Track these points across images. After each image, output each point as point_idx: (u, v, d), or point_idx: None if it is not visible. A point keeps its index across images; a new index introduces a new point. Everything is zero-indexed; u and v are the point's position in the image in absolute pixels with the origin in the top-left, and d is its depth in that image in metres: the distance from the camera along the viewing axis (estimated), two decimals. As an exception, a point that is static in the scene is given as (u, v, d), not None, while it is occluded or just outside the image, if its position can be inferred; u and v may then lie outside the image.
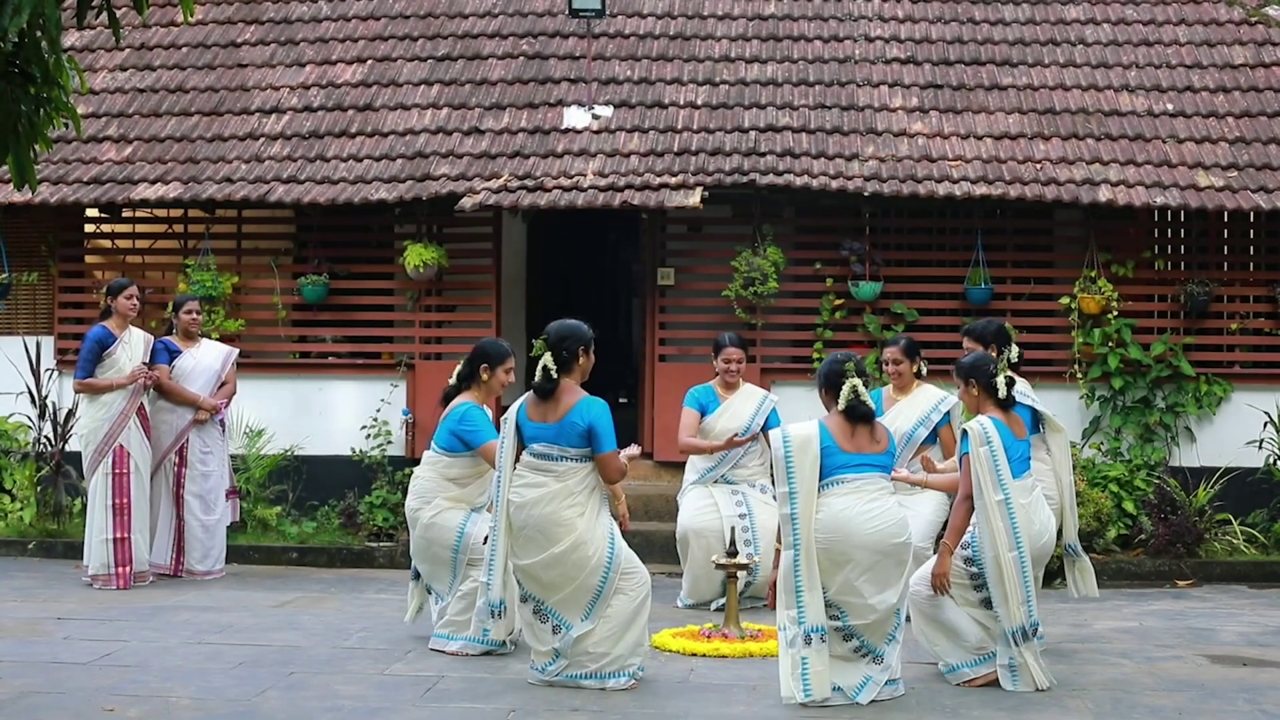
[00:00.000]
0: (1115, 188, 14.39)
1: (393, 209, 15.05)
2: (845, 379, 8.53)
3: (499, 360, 9.87)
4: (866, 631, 8.38)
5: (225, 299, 15.13)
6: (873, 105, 15.59)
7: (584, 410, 8.62)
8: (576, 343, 8.74)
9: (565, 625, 8.60)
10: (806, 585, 8.26)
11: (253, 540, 14.10)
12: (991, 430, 8.77)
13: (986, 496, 8.68)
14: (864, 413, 8.52)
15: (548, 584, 8.60)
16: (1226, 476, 14.14)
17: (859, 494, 8.40)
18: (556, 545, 8.50)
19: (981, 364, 9.16)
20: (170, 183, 15.06)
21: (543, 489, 8.58)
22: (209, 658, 9.45)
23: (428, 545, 9.78)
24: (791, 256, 14.85)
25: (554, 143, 15.25)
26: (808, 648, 8.24)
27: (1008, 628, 8.67)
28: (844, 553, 8.29)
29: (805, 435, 8.45)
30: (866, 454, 8.50)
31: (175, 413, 12.84)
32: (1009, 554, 8.62)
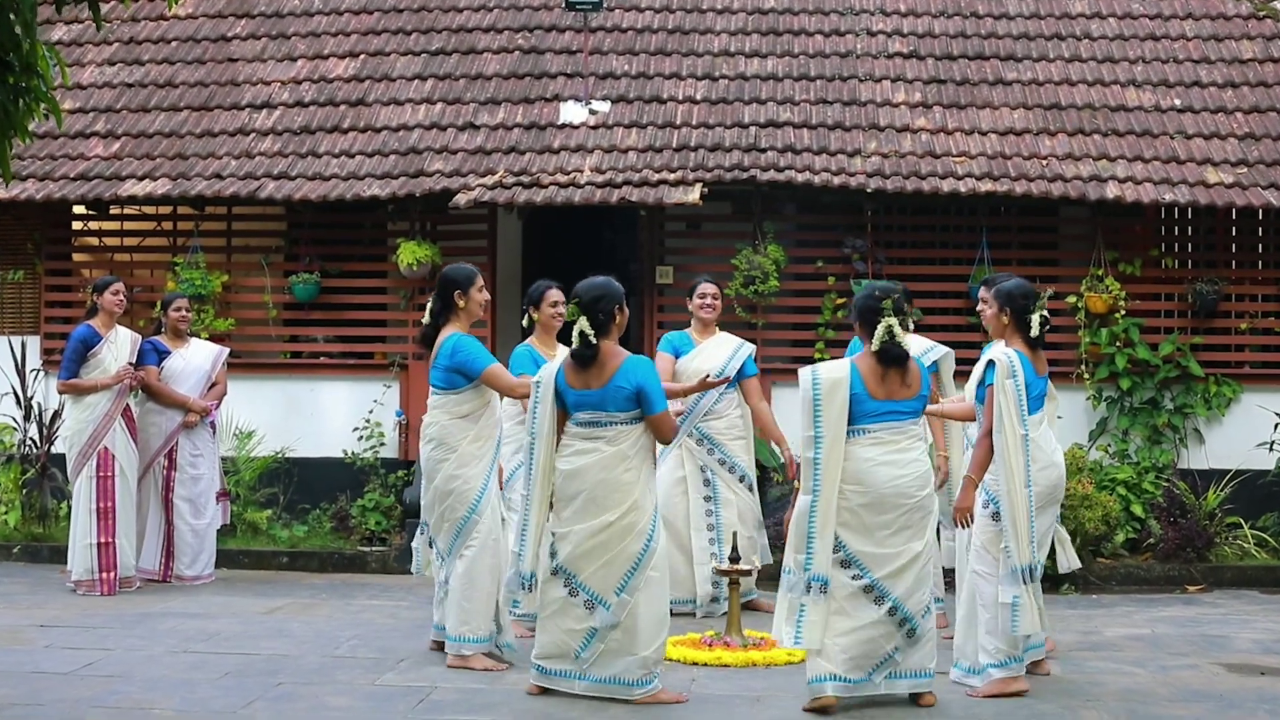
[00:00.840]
0: (1123, 184, 14.13)
1: (385, 206, 14.81)
2: (881, 317, 8.07)
3: (469, 281, 9.25)
4: (895, 588, 8.02)
5: (215, 298, 14.87)
6: (875, 101, 15.33)
7: (631, 372, 8.26)
8: (611, 301, 8.36)
9: (600, 601, 8.18)
10: (819, 532, 7.97)
11: (243, 544, 13.85)
12: (1017, 364, 8.53)
13: (1009, 431, 8.45)
14: (897, 355, 8.11)
15: (587, 552, 8.19)
16: (1237, 479, 13.87)
17: (884, 444, 8.08)
18: (610, 512, 8.17)
19: (1021, 292, 8.87)
20: (159, 179, 14.80)
21: (596, 455, 8.22)
22: (194, 667, 9.15)
23: (445, 498, 9.08)
24: (792, 254, 14.60)
25: (550, 138, 14.98)
26: (807, 595, 7.97)
27: (1017, 564, 8.41)
28: (867, 504, 8.01)
29: (836, 378, 8.06)
30: (896, 400, 8.13)
31: (164, 415, 12.55)
32: (1023, 490, 8.42)
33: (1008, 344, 8.78)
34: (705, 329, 11.44)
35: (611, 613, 8.17)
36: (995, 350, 8.80)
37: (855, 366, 8.12)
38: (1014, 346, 8.71)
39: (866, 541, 8.04)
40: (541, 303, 10.41)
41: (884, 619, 8.05)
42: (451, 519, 9.11)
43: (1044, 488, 8.63)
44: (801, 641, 8.00)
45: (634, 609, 8.19)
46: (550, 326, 10.40)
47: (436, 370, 9.18)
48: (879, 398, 8.08)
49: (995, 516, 8.56)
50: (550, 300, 10.39)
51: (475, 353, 9.08)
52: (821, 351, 14.30)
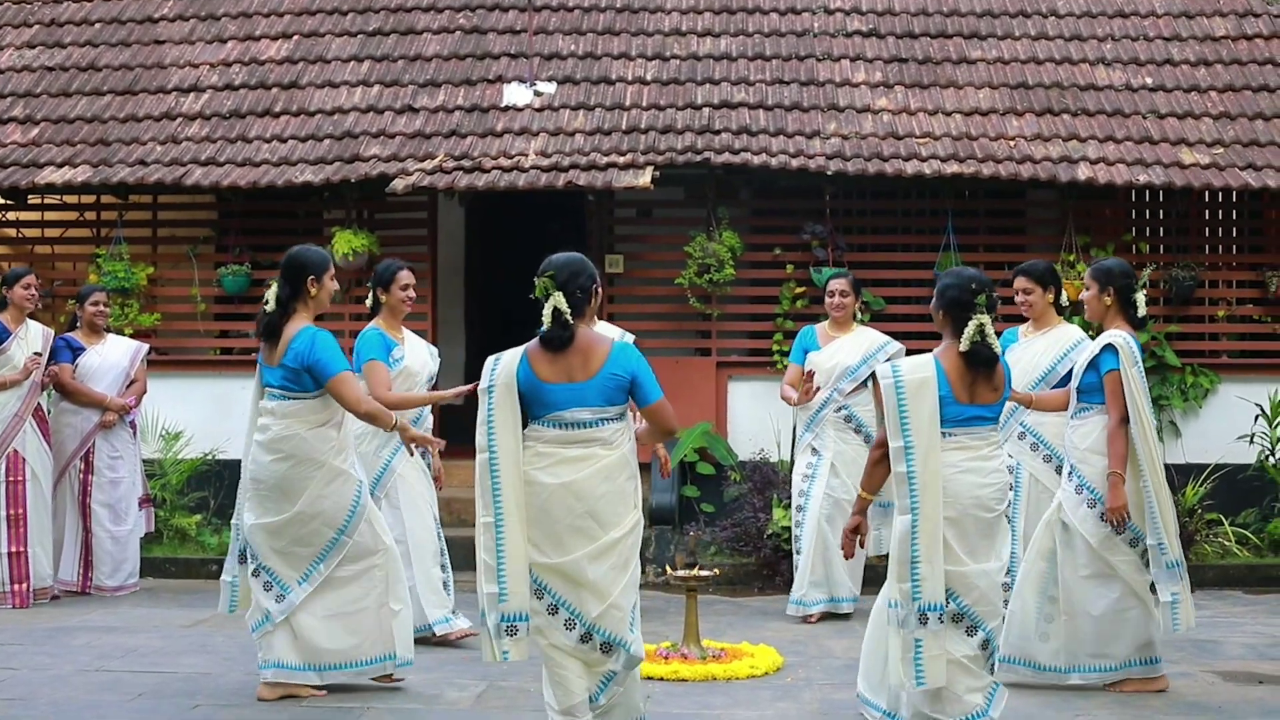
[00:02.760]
0: (1094, 165, 13.52)
1: (320, 193, 14.12)
2: (974, 313, 7.03)
3: (323, 267, 8.20)
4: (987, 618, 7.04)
5: (140, 291, 14.15)
6: (834, 80, 14.68)
7: (623, 358, 6.87)
8: (590, 279, 6.93)
9: (619, 642, 6.73)
10: (925, 555, 6.89)
11: (169, 552, 13.12)
12: (1137, 349, 8.21)
13: (1143, 422, 8.13)
14: (989, 358, 7.06)
15: (590, 585, 6.69)
16: (1216, 474, 13.26)
17: (967, 450, 7.07)
18: (614, 530, 6.73)
19: (1121, 270, 8.39)
20: (79, 166, 14.05)
21: (593, 463, 6.72)
22: (105, 688, 8.45)
23: (308, 521, 8.04)
24: (749, 241, 13.93)
25: (493, 121, 14.27)
26: (923, 629, 6.87)
27: (1172, 559, 8.16)
28: (950, 517, 6.99)
29: (921, 378, 7.01)
30: (981, 405, 7.12)
31: (80, 415, 11.85)
32: (1165, 482, 8.19)
33: (1107, 327, 8.31)
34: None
35: (633, 652, 6.85)
36: (1113, 335, 8.27)
37: (940, 365, 7.08)
38: (1120, 329, 8.25)
39: (952, 560, 7.01)
40: (392, 284, 9.72)
41: (978, 653, 7.05)
42: (312, 544, 8.13)
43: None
44: (925, 683, 6.91)
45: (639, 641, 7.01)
46: (398, 310, 9.74)
47: (283, 370, 8.11)
48: (964, 401, 7.07)
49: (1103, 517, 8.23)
50: (401, 282, 9.72)
51: (329, 354, 7.99)
52: (779, 343, 13.64)
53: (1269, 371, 13.85)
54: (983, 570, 7.01)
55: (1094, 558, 8.26)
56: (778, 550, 12.12)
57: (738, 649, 9.24)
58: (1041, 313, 9.61)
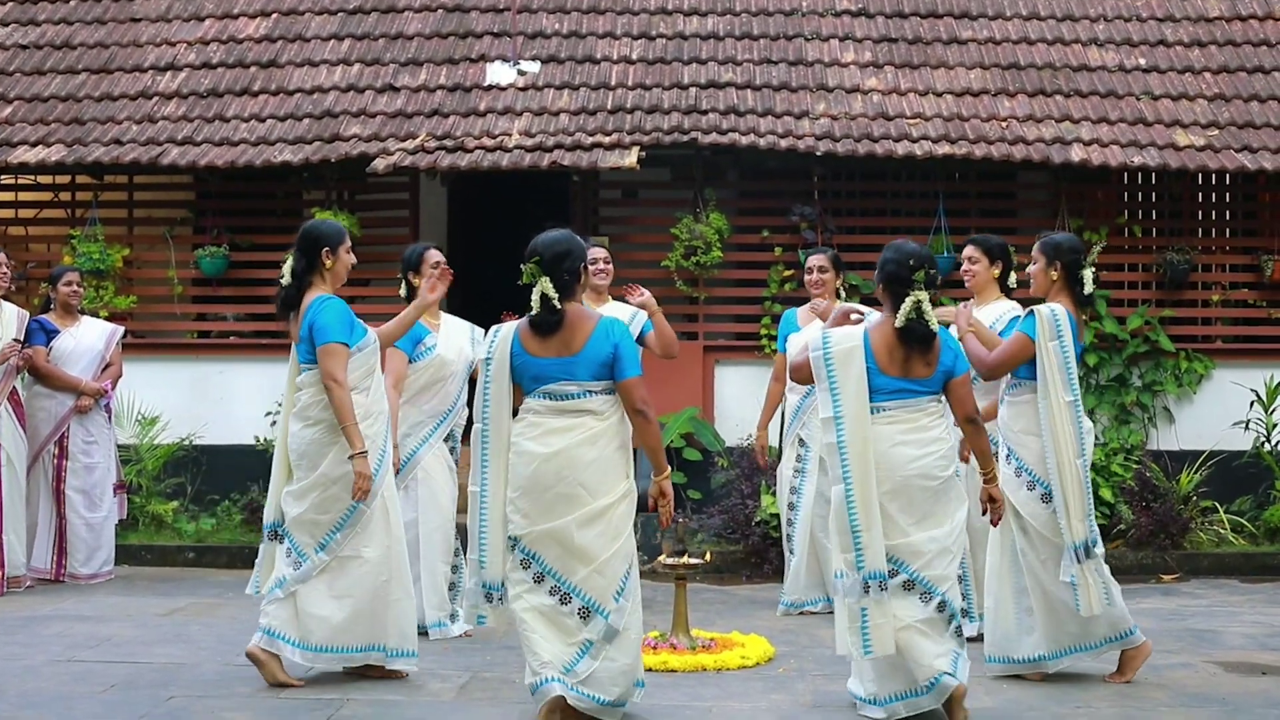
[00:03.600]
0: (1088, 147, 13.32)
1: (299, 173, 13.86)
2: (911, 289, 7.00)
3: (339, 239, 8.07)
4: (938, 583, 7.03)
5: (115, 273, 13.88)
6: (823, 60, 14.45)
7: (608, 332, 7.03)
8: (576, 259, 7.08)
9: (598, 608, 6.96)
10: (864, 523, 6.94)
11: (145, 539, 12.88)
12: (1065, 322, 7.89)
13: (1055, 396, 7.84)
14: (923, 335, 7.02)
15: (579, 550, 6.94)
16: (1211, 461, 13.06)
17: (901, 422, 7.05)
18: (603, 497, 6.97)
19: (1071, 245, 8.16)
20: (53, 145, 13.77)
21: (583, 431, 6.98)
22: (77, 679, 8.17)
23: (330, 484, 7.91)
24: (736, 223, 13.71)
25: (476, 101, 14.04)
26: (866, 596, 6.92)
27: (1070, 541, 7.85)
28: (888, 490, 7.01)
29: (849, 346, 7.01)
30: (913, 379, 7.07)
31: (54, 398, 11.60)
32: (1076, 461, 7.84)
33: (1052, 301, 8.04)
34: (598, 297, 10.30)
35: (610, 621, 6.99)
36: (1042, 306, 8.03)
37: (868, 336, 7.08)
38: (1067, 305, 8.01)
39: (895, 532, 7.04)
40: (421, 265, 9.41)
41: (934, 616, 7.04)
42: (331, 511, 7.95)
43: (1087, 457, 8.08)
44: (872, 651, 6.96)
45: (630, 614, 7.07)
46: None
47: (303, 342, 7.99)
48: (892, 374, 7.04)
49: (1047, 498, 7.94)
50: (430, 262, 9.37)
51: (330, 319, 7.84)
52: (768, 327, 13.41)
53: (1264, 356, 13.66)
54: (929, 537, 7.06)
55: (1045, 540, 8.00)
56: (766, 538, 11.90)
57: (728, 639, 9.00)
58: (983, 285, 9.20)
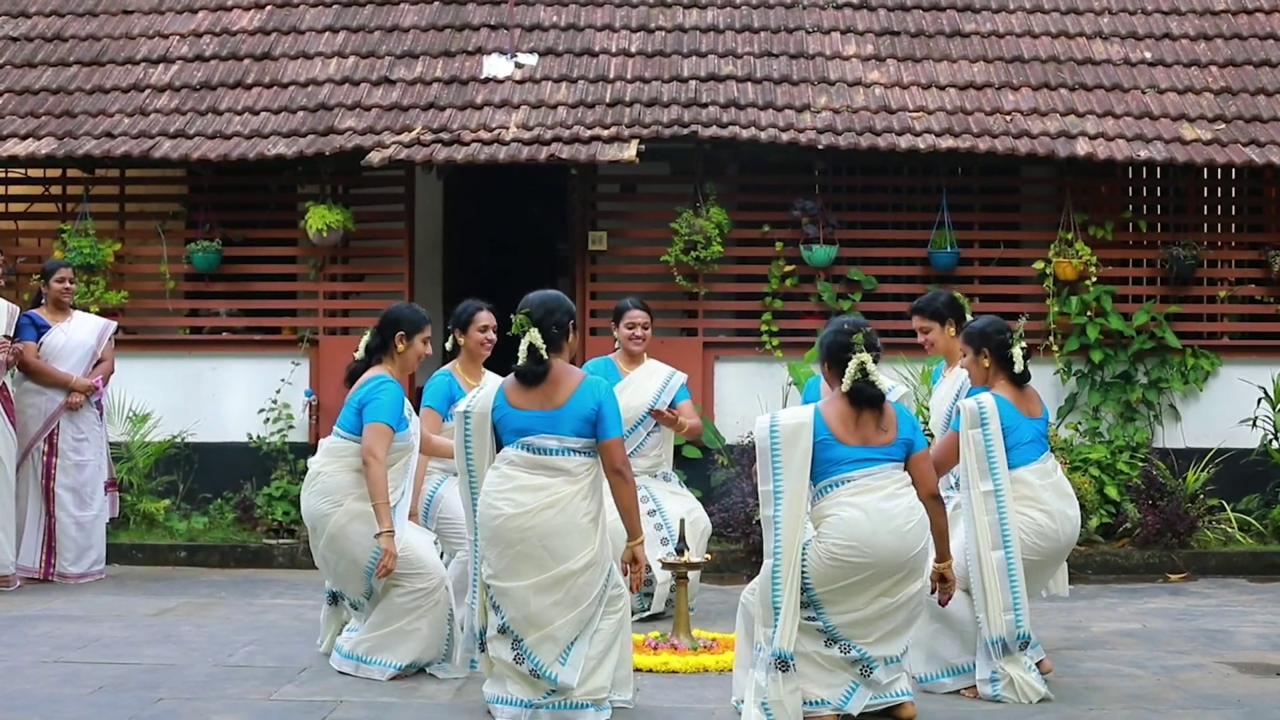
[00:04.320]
0: (1093, 141, 13.12)
1: (293, 166, 13.62)
2: (851, 353, 7.06)
3: (416, 328, 8.22)
4: (856, 638, 7.00)
5: (106, 268, 13.65)
6: (824, 53, 14.24)
7: (593, 389, 7.16)
8: (566, 315, 7.26)
9: (545, 673, 7.01)
10: (785, 604, 6.85)
11: (136, 538, 12.69)
12: (990, 409, 7.69)
13: (974, 486, 7.66)
14: (871, 396, 7.04)
15: (533, 615, 7.00)
16: (1218, 459, 12.88)
17: (872, 491, 6.98)
18: (568, 562, 7.00)
19: (994, 329, 7.97)
20: (43, 138, 13.54)
21: (553, 493, 7.05)
22: (64, 680, 8.00)
23: (337, 560, 8.07)
24: (736, 218, 13.50)
25: (473, 93, 13.82)
26: (768, 674, 6.87)
27: (987, 636, 7.53)
28: (858, 560, 6.87)
29: (796, 424, 7.02)
30: (872, 446, 7.05)
31: (44, 395, 11.41)
32: (992, 553, 7.56)
33: (991, 387, 7.86)
34: (633, 359, 10.22)
35: (563, 681, 7.02)
36: (970, 398, 7.85)
37: (819, 412, 7.08)
38: (998, 388, 7.83)
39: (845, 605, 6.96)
40: (470, 326, 9.11)
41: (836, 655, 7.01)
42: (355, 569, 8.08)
43: (1049, 545, 7.81)
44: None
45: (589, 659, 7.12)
46: (477, 354, 9.14)
47: (348, 411, 8.16)
48: (851, 443, 7.02)
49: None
50: (480, 324, 9.11)
51: (386, 402, 7.98)
52: (768, 323, 13.26)
53: (1272, 353, 13.47)
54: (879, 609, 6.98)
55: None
56: (767, 536, 11.71)
57: (729, 639, 8.77)
58: (946, 349, 8.84)
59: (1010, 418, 7.69)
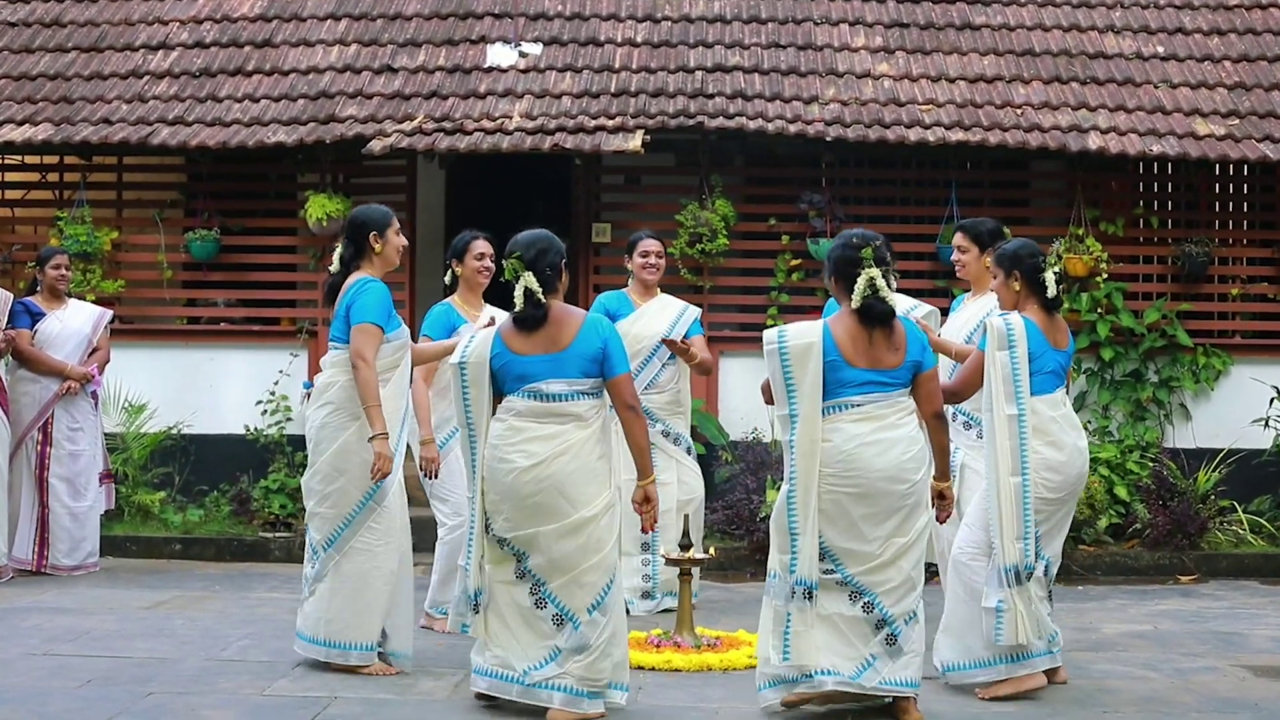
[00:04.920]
0: (1105, 135, 12.95)
1: (293, 154, 13.46)
2: (860, 268, 6.79)
3: (385, 221, 7.97)
4: (876, 587, 6.78)
5: (103, 256, 13.48)
6: (832, 45, 14.07)
7: (597, 328, 6.96)
8: (557, 255, 7.04)
9: (571, 617, 6.85)
10: (802, 527, 6.71)
11: (131, 530, 12.52)
12: (1019, 332, 7.39)
13: (997, 409, 7.36)
14: (882, 313, 6.77)
15: (557, 560, 6.84)
16: (1229, 459, 12.71)
17: (873, 420, 6.79)
18: (586, 508, 6.83)
19: (1027, 251, 7.69)
20: (40, 124, 13.37)
21: (563, 440, 6.85)
22: (52, 674, 7.80)
23: (336, 478, 7.76)
24: (742, 211, 13.33)
25: (476, 83, 13.65)
26: (792, 602, 6.74)
27: (1000, 564, 7.32)
28: (854, 492, 6.73)
29: (806, 343, 6.77)
30: (882, 370, 6.81)
31: (38, 383, 11.23)
32: (1012, 479, 7.32)
33: (1021, 311, 7.57)
34: (646, 290, 10.05)
35: (581, 633, 6.84)
36: (996, 315, 7.61)
37: (829, 329, 6.83)
38: (1028, 313, 7.54)
39: (847, 535, 6.78)
40: (466, 255, 9.18)
41: (860, 615, 6.79)
42: (339, 506, 7.79)
43: (1061, 480, 7.49)
44: (790, 658, 6.76)
45: (605, 628, 6.90)
46: (475, 284, 9.19)
47: (338, 320, 7.86)
48: (860, 365, 6.80)
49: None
50: (475, 252, 9.17)
51: (371, 301, 7.71)
52: (774, 317, 13.08)
53: (1285, 353, 13.29)
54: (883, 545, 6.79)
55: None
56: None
57: (734, 637, 8.64)
58: (976, 275, 8.71)
59: (1037, 344, 7.44)
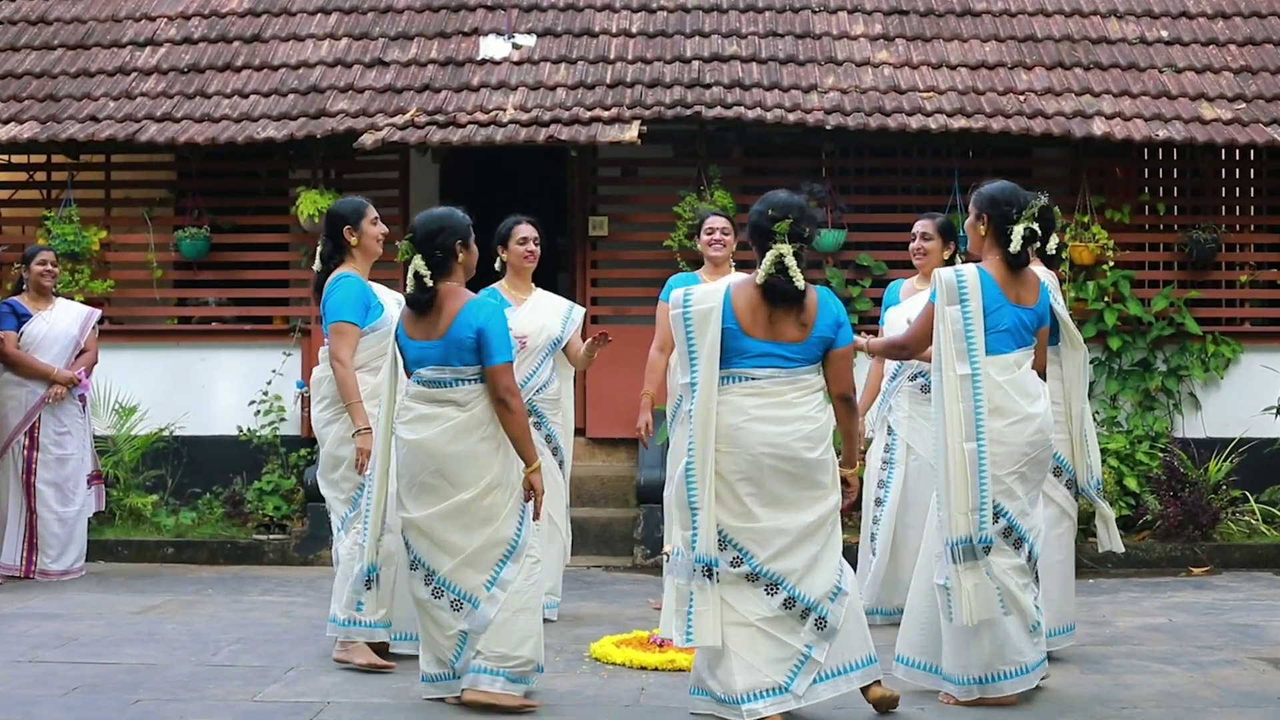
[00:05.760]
0: (1110, 121, 12.72)
1: (284, 150, 13.24)
2: (772, 241, 6.41)
3: (358, 214, 8.08)
4: (789, 576, 6.37)
5: (91, 256, 13.25)
6: (831, 33, 13.85)
7: (471, 315, 6.77)
8: (452, 235, 6.85)
9: (468, 599, 6.76)
10: (701, 501, 6.34)
11: (122, 534, 12.29)
12: (972, 283, 6.85)
13: (947, 369, 6.82)
14: (785, 293, 6.39)
15: (443, 543, 6.77)
16: (1240, 449, 12.46)
17: (766, 395, 6.41)
18: (465, 490, 6.74)
19: (1005, 197, 7.05)
20: (26, 122, 13.15)
21: (444, 422, 6.78)
22: (38, 681, 7.59)
23: (335, 465, 7.95)
24: (741, 202, 12.97)
25: (469, 75, 13.42)
26: (693, 580, 6.34)
27: (948, 538, 6.77)
28: (740, 470, 6.37)
29: (707, 308, 6.39)
30: (782, 343, 6.42)
31: (24, 387, 11.02)
32: (966, 445, 6.74)
33: (982, 262, 7.05)
34: (717, 269, 9.60)
35: (481, 612, 6.73)
36: (949, 269, 7.08)
37: (729, 295, 6.44)
38: (987, 265, 7.00)
39: (739, 516, 6.39)
40: (510, 240, 9.20)
41: (782, 613, 6.40)
42: (343, 491, 7.96)
43: (1006, 450, 6.86)
44: (693, 639, 6.36)
45: (508, 604, 6.77)
46: (520, 268, 9.21)
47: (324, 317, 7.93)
48: (757, 336, 6.40)
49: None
50: (519, 236, 9.17)
51: (339, 299, 7.82)
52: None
53: (1296, 340, 13.06)
54: (778, 527, 6.40)
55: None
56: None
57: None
58: (935, 266, 8.58)
59: (992, 298, 6.88)
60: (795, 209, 6.50)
